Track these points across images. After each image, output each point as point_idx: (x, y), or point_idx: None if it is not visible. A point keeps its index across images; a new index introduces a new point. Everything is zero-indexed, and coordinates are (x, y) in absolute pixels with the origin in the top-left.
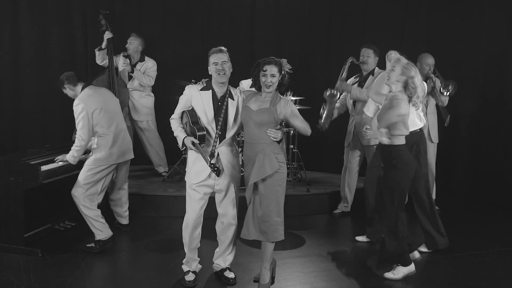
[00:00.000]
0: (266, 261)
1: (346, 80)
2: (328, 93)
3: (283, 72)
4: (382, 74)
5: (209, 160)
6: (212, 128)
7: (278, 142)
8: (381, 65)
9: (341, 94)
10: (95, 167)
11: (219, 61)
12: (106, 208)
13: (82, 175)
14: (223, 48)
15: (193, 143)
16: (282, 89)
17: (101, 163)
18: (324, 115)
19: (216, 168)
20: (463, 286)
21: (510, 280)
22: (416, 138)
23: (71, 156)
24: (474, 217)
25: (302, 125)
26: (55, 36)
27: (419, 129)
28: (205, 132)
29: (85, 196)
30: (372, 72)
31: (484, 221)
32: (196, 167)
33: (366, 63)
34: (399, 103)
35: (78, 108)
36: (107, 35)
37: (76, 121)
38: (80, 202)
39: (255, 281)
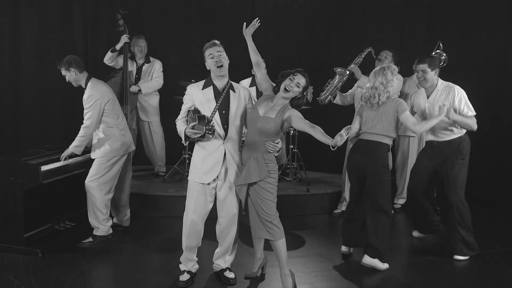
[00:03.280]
0: (282, 266)
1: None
2: (339, 69)
3: (305, 93)
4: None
5: (204, 126)
6: (216, 122)
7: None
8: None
9: (350, 74)
10: (109, 158)
11: (214, 52)
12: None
13: (96, 168)
14: (216, 41)
15: (192, 127)
16: (296, 109)
17: (115, 154)
18: (327, 88)
19: (210, 127)
20: (463, 286)
21: (510, 280)
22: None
23: (75, 147)
24: (475, 217)
25: (310, 131)
26: (55, 36)
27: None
28: (205, 115)
29: (102, 188)
30: None
31: (484, 221)
32: (205, 166)
33: (381, 62)
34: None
35: (92, 98)
36: (125, 38)
37: (86, 110)
38: (96, 193)
39: (246, 277)
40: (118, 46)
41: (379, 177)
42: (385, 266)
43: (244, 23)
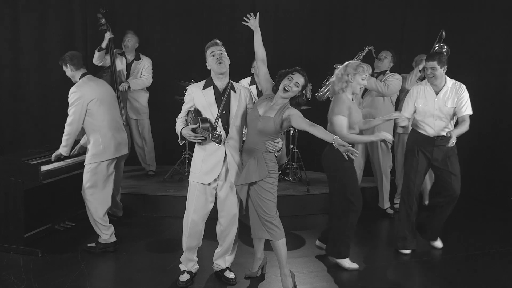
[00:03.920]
0: (282, 266)
1: None
2: (338, 66)
3: (304, 92)
4: (393, 74)
5: (210, 132)
6: (217, 122)
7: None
8: (394, 70)
9: None
10: (96, 164)
11: (216, 51)
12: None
13: (85, 176)
14: (218, 41)
15: (192, 129)
16: (296, 107)
17: (100, 159)
18: (326, 85)
19: (217, 136)
20: (463, 286)
21: (509, 280)
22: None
23: (62, 147)
24: (474, 217)
25: (311, 129)
26: (55, 36)
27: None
28: (207, 117)
29: (96, 197)
30: (383, 73)
31: (484, 221)
32: (206, 166)
33: (381, 61)
34: None
35: (75, 95)
36: (109, 35)
37: (69, 107)
38: (90, 204)
39: (246, 277)
40: (103, 44)
41: (336, 174)
42: (353, 266)
43: (250, 17)
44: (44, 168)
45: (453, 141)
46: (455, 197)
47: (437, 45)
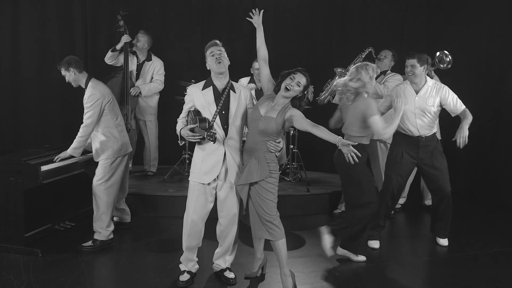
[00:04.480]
0: (282, 266)
1: None
2: (339, 70)
3: (306, 93)
4: (394, 75)
5: (206, 131)
6: (216, 123)
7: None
8: (394, 70)
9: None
10: (113, 160)
11: (215, 51)
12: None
13: (101, 171)
14: (217, 41)
15: (191, 129)
16: (297, 109)
17: (117, 154)
18: (327, 89)
19: (212, 134)
20: (463, 286)
21: (509, 280)
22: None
23: (73, 149)
24: (474, 217)
25: (313, 130)
26: (55, 36)
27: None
28: (205, 117)
29: (109, 191)
30: (384, 73)
31: (484, 221)
32: (205, 166)
33: (381, 61)
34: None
35: (93, 97)
36: (126, 38)
37: (86, 110)
38: (104, 197)
39: (246, 277)
40: (118, 46)
41: (349, 176)
42: (359, 258)
43: (254, 13)
44: (44, 168)
45: (462, 140)
46: (446, 193)
47: (438, 52)
